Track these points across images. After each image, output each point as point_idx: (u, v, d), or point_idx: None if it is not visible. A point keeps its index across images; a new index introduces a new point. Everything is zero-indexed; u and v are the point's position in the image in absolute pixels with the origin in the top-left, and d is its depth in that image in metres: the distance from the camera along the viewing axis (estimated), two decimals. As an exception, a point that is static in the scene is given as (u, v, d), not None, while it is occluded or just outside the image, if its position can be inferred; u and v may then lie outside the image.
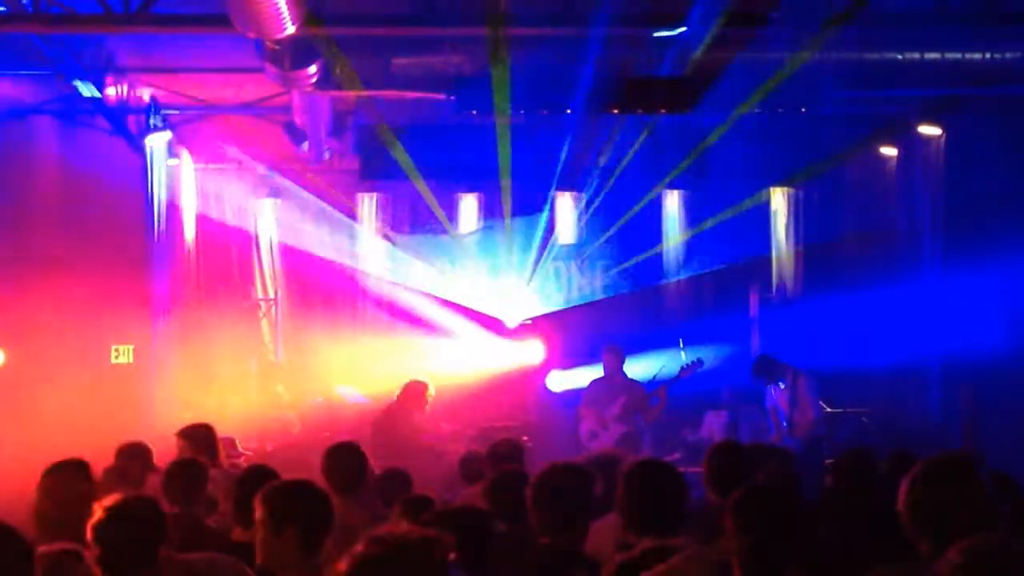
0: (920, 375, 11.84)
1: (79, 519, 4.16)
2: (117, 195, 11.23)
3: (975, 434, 10.87)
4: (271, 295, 12.88)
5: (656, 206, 13.02)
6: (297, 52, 8.76)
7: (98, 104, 10.53)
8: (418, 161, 11.47)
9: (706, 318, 12.65)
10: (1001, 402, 10.77)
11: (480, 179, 12.44)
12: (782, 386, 9.90)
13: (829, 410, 10.61)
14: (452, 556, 2.57)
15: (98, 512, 3.85)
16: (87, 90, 10.01)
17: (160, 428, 10.45)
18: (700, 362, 11.66)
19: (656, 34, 8.82)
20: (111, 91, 10.69)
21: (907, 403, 11.92)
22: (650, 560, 3.78)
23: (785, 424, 9.84)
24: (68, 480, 4.87)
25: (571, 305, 13.02)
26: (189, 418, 7.97)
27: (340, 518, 4.09)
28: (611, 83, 9.09)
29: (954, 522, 3.14)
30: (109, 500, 3.90)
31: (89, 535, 3.83)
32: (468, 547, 3.75)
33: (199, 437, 6.86)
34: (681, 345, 12.29)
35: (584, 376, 12.12)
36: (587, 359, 12.37)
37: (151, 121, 11.15)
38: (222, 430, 7.39)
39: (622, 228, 12.86)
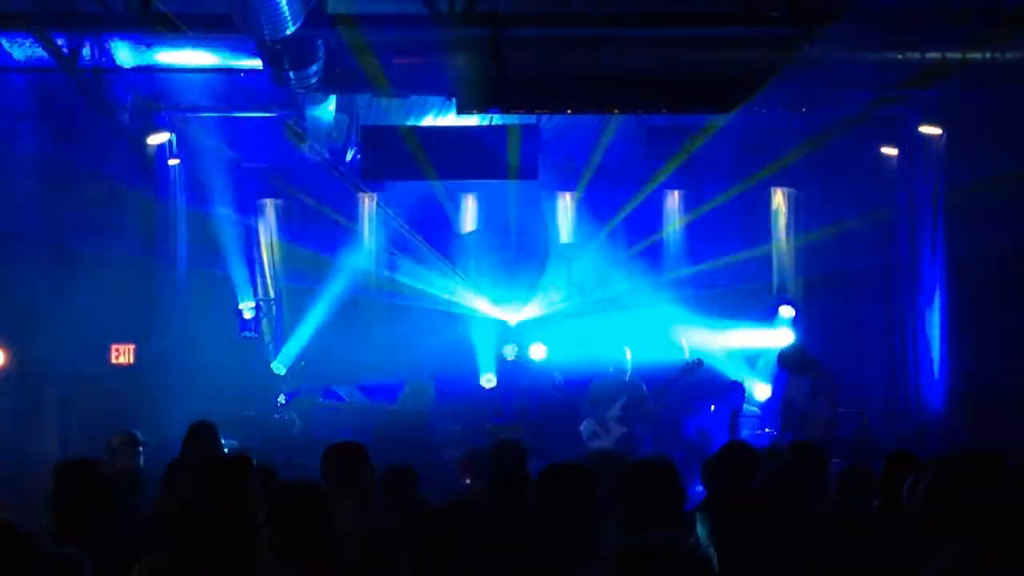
0: (920, 374, 11.84)
1: (86, 518, 4.17)
2: (119, 194, 11.23)
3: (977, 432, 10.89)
4: (271, 295, 12.88)
5: (657, 205, 13.05)
6: (297, 52, 8.76)
7: (99, 101, 10.53)
8: (419, 161, 11.46)
9: (707, 317, 12.65)
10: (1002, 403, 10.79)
11: (481, 179, 12.44)
12: (804, 380, 9.81)
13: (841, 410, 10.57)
14: None
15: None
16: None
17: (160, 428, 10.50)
18: (700, 362, 11.66)
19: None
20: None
21: (907, 403, 11.93)
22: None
23: (797, 419, 9.76)
24: (75, 479, 4.87)
25: (571, 305, 13.01)
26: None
27: (339, 519, 4.09)
28: (629, 83, 9.08)
29: (965, 521, 3.14)
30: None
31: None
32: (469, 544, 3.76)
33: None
34: (683, 345, 12.30)
35: (584, 376, 12.14)
36: (588, 359, 12.37)
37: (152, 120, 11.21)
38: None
39: (623, 227, 12.87)
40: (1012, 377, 10.82)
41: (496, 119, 11.12)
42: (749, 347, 12.50)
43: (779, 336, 12.16)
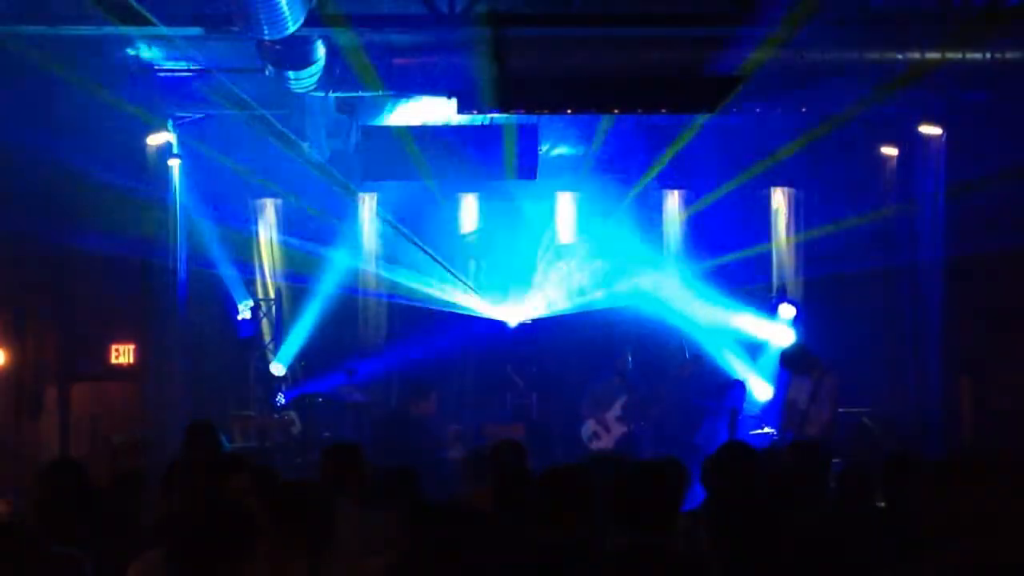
0: (921, 374, 11.84)
1: (73, 519, 4.17)
2: (118, 194, 11.22)
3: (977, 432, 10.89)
4: (271, 295, 12.87)
5: (657, 204, 13.05)
6: (297, 52, 8.75)
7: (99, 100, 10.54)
8: (419, 161, 11.46)
9: (707, 318, 12.64)
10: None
11: (481, 179, 12.43)
12: (806, 380, 9.81)
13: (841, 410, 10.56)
14: None
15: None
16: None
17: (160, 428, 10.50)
18: (698, 358, 11.65)
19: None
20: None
21: (907, 403, 11.92)
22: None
23: (798, 419, 9.76)
24: (63, 480, 4.87)
25: (571, 305, 13.01)
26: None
27: (338, 519, 4.10)
28: (629, 82, 9.09)
29: (967, 521, 3.14)
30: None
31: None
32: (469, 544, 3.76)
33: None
34: (683, 346, 12.28)
35: (585, 377, 12.15)
36: (588, 359, 12.38)
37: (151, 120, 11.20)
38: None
39: (623, 227, 12.86)
40: (1013, 376, 10.82)
41: (496, 119, 11.11)
42: (752, 334, 12.50)
43: (780, 331, 12.16)
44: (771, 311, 12.50)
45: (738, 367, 12.25)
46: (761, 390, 11.95)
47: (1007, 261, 10.89)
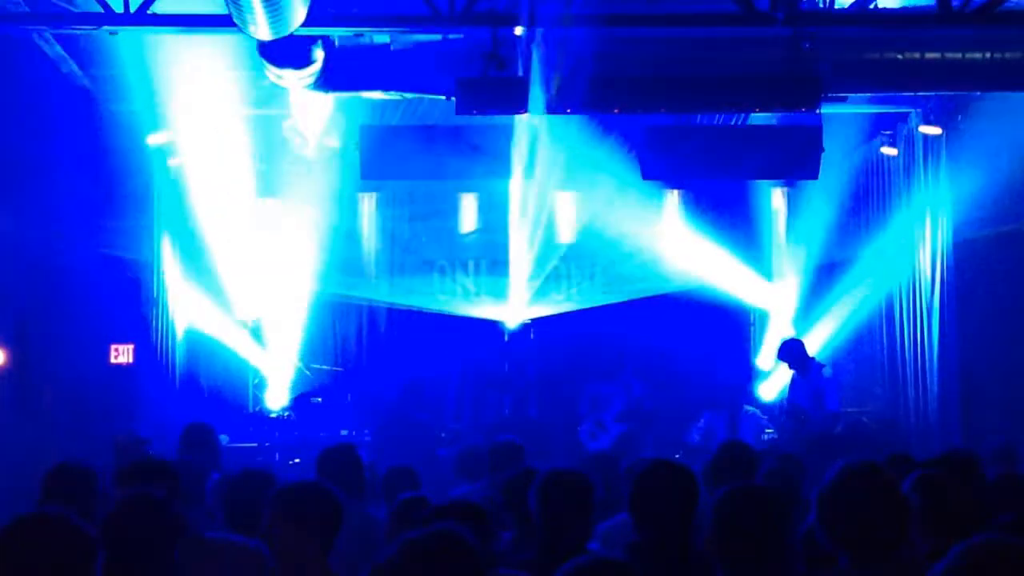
0: (920, 374, 11.84)
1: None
2: (118, 194, 11.22)
3: (971, 431, 10.90)
4: (271, 295, 12.86)
5: (657, 204, 13.04)
6: (297, 52, 8.75)
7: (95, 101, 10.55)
8: (418, 160, 11.45)
9: (706, 319, 12.64)
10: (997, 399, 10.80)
11: (481, 178, 12.43)
12: (807, 381, 9.81)
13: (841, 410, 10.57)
14: None
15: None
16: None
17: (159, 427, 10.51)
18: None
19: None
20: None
21: (907, 403, 11.92)
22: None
23: (800, 420, 9.77)
24: (70, 482, 4.87)
25: (571, 306, 13.00)
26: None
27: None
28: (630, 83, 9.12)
29: (953, 520, 3.15)
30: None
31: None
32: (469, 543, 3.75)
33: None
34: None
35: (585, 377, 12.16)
36: (586, 360, 12.38)
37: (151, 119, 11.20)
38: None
39: (624, 227, 12.86)
40: (1012, 375, 10.82)
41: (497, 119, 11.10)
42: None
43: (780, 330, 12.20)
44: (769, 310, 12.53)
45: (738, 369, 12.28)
46: (765, 391, 11.98)
47: (1007, 260, 10.90)
